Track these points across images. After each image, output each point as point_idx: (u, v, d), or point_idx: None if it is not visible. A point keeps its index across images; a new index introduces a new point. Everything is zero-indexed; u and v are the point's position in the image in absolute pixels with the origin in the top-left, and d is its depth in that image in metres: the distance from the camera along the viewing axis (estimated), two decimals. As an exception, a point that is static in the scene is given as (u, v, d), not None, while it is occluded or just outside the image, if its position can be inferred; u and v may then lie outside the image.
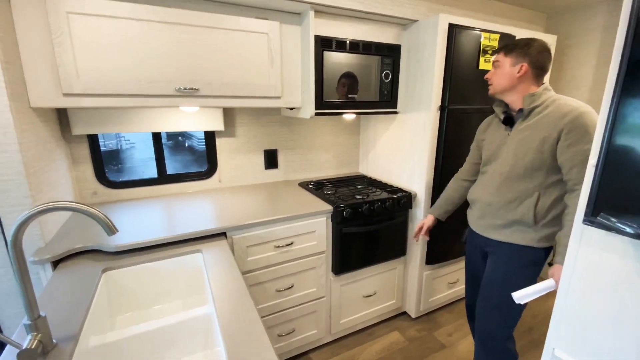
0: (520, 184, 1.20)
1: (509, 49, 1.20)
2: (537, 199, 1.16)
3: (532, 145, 1.15)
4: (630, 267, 0.60)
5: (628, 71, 0.52)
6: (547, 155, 1.13)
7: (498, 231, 1.27)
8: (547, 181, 1.15)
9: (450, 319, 2.10)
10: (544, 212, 1.17)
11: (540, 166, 1.15)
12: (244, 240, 1.43)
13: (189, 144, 1.89)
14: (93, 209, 0.71)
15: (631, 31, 0.52)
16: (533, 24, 2.28)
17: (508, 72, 1.19)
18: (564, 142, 1.08)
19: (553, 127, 1.10)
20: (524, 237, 1.21)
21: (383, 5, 1.61)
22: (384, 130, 2.09)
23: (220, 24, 1.39)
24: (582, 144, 1.06)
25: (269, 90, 1.57)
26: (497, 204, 1.26)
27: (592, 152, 0.60)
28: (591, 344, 0.68)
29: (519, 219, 1.20)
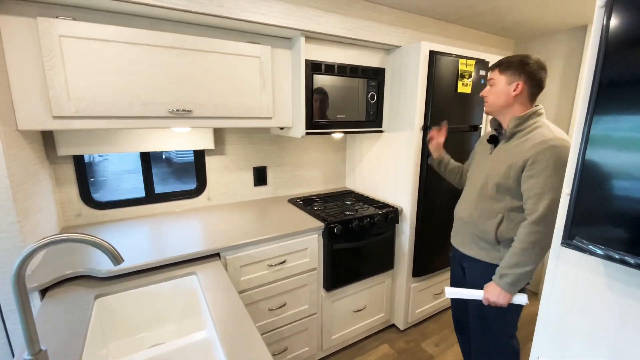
0: (488, 203, 1.23)
1: (504, 67, 1.19)
2: (501, 220, 1.19)
3: (501, 169, 1.18)
4: (601, 282, 0.68)
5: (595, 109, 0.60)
6: (512, 181, 1.15)
7: (469, 247, 1.32)
8: (512, 205, 1.17)
9: (436, 329, 2.17)
10: (506, 234, 1.19)
11: (506, 190, 1.18)
12: (237, 260, 1.43)
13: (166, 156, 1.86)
14: (99, 239, 0.71)
15: (600, 62, 0.60)
16: (504, 49, 2.47)
17: (503, 90, 1.18)
18: (527, 172, 1.11)
19: (521, 155, 1.13)
20: (488, 255, 1.25)
21: (368, 32, 1.71)
22: (369, 147, 2.18)
23: (213, 47, 1.42)
24: (542, 176, 1.07)
25: (261, 111, 1.61)
26: (468, 220, 1.31)
27: (566, 181, 0.68)
28: (572, 352, 0.75)
29: (483, 236, 1.24)
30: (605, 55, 0.56)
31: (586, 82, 0.63)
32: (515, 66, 1.15)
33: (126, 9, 1.24)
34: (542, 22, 2.08)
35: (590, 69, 0.62)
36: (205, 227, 1.60)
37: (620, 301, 0.65)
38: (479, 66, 1.92)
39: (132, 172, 1.78)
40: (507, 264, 1.14)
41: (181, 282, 1.25)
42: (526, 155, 1.11)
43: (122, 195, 1.75)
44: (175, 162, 1.94)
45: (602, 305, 0.68)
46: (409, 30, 1.87)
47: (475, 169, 1.34)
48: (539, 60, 1.16)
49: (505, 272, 1.14)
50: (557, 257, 0.75)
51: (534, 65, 1.14)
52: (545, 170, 1.07)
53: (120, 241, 1.42)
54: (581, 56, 2.14)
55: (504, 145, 1.23)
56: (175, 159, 1.93)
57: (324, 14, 1.56)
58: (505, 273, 1.14)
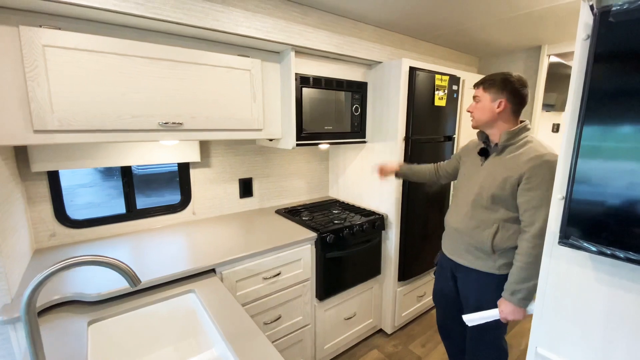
0: (483, 213, 1.27)
1: (487, 84, 1.25)
2: (496, 230, 1.23)
3: (497, 181, 1.22)
4: (589, 275, 0.78)
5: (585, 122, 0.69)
6: (507, 193, 1.19)
7: (463, 256, 1.35)
8: (507, 215, 1.22)
9: (421, 331, 2.26)
10: (501, 243, 1.23)
11: (501, 201, 1.22)
12: (233, 274, 1.41)
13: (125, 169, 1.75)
14: (115, 260, 0.69)
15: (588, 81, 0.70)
16: (470, 65, 2.70)
17: (488, 107, 1.24)
18: (524, 186, 1.15)
19: (517, 169, 1.17)
20: (484, 264, 1.28)
21: (352, 48, 1.80)
22: (353, 157, 2.25)
23: (205, 60, 1.42)
24: (539, 190, 1.12)
25: (252, 123, 1.62)
26: (463, 230, 1.33)
27: (558, 187, 0.78)
28: (566, 340, 0.84)
29: (479, 246, 1.27)
30: (591, 79, 0.66)
31: (574, 100, 0.73)
32: (498, 84, 1.23)
33: (115, 20, 1.20)
34: (503, 42, 2.31)
35: (577, 88, 0.73)
36: (194, 242, 1.55)
37: (607, 290, 0.75)
38: (452, 81, 2.09)
39: (85, 187, 1.67)
40: (516, 279, 1.17)
41: (178, 301, 1.21)
42: (522, 169, 1.16)
43: (101, 212, 1.64)
44: (135, 174, 1.84)
45: (591, 295, 0.78)
46: (387, 47, 1.98)
47: (467, 180, 1.38)
48: (520, 78, 1.23)
49: (517, 289, 1.16)
50: (550, 255, 0.85)
51: (516, 83, 1.21)
52: (542, 184, 1.12)
53: (105, 262, 1.33)
54: (537, 73, 2.40)
55: (497, 158, 1.27)
56: (136, 172, 1.83)
57: (312, 30, 1.61)
58: (517, 289, 1.16)
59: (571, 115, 0.74)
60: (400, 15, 1.73)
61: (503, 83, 1.22)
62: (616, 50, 0.62)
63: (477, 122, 1.31)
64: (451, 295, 1.49)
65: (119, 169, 1.68)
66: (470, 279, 1.34)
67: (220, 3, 1.31)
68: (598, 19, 0.63)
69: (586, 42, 0.69)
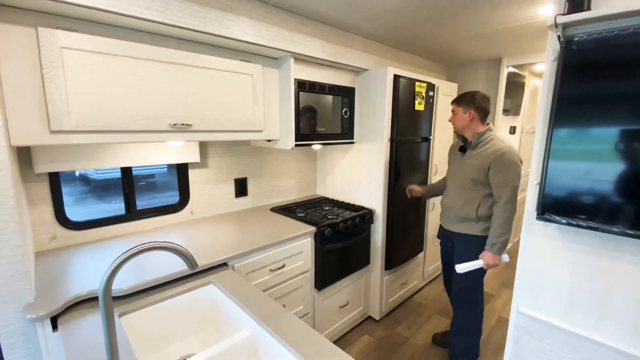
0: (469, 192, 1.71)
1: (459, 101, 1.73)
2: (479, 204, 1.69)
3: (473, 169, 1.67)
4: (558, 244, 1.00)
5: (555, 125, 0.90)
6: (482, 177, 1.65)
7: (456, 225, 1.79)
8: (485, 192, 1.67)
9: (405, 315, 2.46)
10: (483, 213, 1.68)
11: (479, 183, 1.67)
12: (244, 267, 1.49)
13: (81, 174, 1.74)
14: (177, 245, 0.77)
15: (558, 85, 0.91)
16: (441, 74, 2.98)
17: (462, 117, 1.72)
18: (491, 171, 1.61)
19: (486, 160, 1.63)
20: (472, 229, 1.73)
21: (344, 56, 1.95)
22: (341, 157, 2.41)
23: (211, 64, 1.49)
24: (501, 173, 1.58)
25: (254, 124, 1.71)
26: (455, 207, 1.77)
27: (533, 175, 0.99)
28: (541, 299, 1.05)
29: (468, 216, 1.72)
30: (559, 93, 0.86)
31: (545, 109, 0.94)
32: (466, 101, 1.70)
33: (130, 24, 1.25)
34: (470, 54, 2.61)
35: (547, 100, 0.93)
36: (199, 240, 1.61)
37: (571, 255, 0.97)
38: (429, 88, 2.33)
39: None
40: (494, 235, 1.60)
41: (198, 293, 1.27)
42: (488, 160, 1.62)
43: (102, 213, 1.63)
44: (94, 180, 1.82)
45: (560, 260, 1.00)
46: (373, 55, 2.17)
47: (454, 171, 1.84)
48: (483, 95, 1.70)
49: (495, 241, 1.60)
50: (527, 231, 1.05)
51: (479, 99, 1.69)
52: (503, 169, 1.59)
53: (109, 261, 1.35)
54: (497, 81, 2.73)
55: (471, 152, 1.72)
56: (93, 177, 1.80)
57: (310, 39, 1.74)
58: (495, 242, 1.59)
59: (543, 120, 0.95)
60: (386, 27, 1.92)
61: (470, 99, 1.69)
62: (577, 70, 0.83)
63: (456, 128, 1.78)
64: (450, 257, 1.90)
65: (74, 176, 1.67)
66: (462, 241, 1.77)
67: (232, 12, 1.39)
68: (564, 46, 0.84)
69: (554, 63, 0.91)
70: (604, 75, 0.79)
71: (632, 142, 0.78)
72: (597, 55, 0.79)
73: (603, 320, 0.93)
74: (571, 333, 0.98)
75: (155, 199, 1.87)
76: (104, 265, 1.32)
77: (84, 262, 1.34)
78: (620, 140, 0.80)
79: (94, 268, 1.29)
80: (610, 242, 0.90)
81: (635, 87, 0.76)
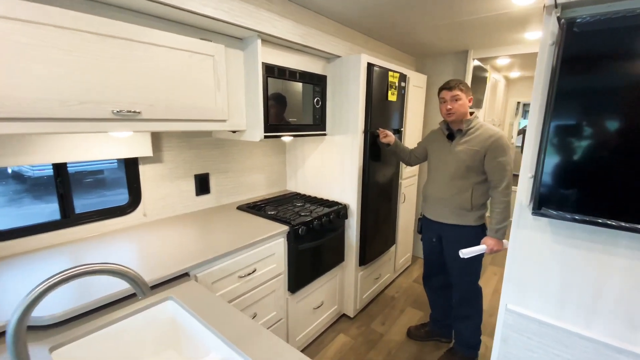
0: (460, 182, 1.66)
1: (463, 87, 1.64)
2: (472, 192, 1.65)
3: (468, 155, 1.62)
4: (548, 238, 0.96)
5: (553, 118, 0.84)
6: (477, 163, 1.61)
7: (447, 216, 1.73)
8: (477, 180, 1.64)
9: (378, 310, 2.43)
10: (476, 200, 1.66)
11: (472, 169, 1.63)
12: (209, 276, 1.31)
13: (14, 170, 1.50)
14: (126, 268, 0.59)
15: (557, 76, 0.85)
16: (410, 65, 2.95)
17: (466, 103, 1.65)
18: (490, 155, 1.58)
19: (482, 145, 1.59)
20: (464, 219, 1.68)
21: (316, 40, 1.81)
22: (312, 150, 2.27)
23: (163, 41, 1.26)
24: (499, 157, 1.57)
25: (216, 113, 1.51)
26: (446, 198, 1.71)
27: (527, 168, 0.93)
28: (530, 295, 1.02)
29: (461, 206, 1.67)
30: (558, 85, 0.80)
31: (540, 97, 0.88)
32: (466, 87, 1.66)
33: (55, -16, 0.99)
34: (438, 45, 2.59)
35: (543, 87, 0.87)
36: (154, 247, 1.39)
37: (562, 249, 0.94)
38: (401, 78, 2.26)
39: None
40: (497, 221, 1.58)
41: (154, 311, 1.08)
42: (485, 144, 1.59)
43: (29, 219, 1.35)
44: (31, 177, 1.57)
45: (550, 254, 0.96)
46: (346, 42, 2.05)
47: (440, 160, 1.76)
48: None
49: (498, 227, 1.58)
50: (517, 225, 1.01)
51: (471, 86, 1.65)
52: (501, 154, 1.57)
53: (37, 278, 1.11)
54: (464, 74, 2.75)
55: (462, 138, 1.67)
56: (29, 174, 1.55)
57: (279, 18, 1.57)
58: (498, 228, 1.58)
59: (538, 110, 0.89)
60: (359, 12, 1.80)
61: (467, 85, 1.66)
62: (579, 55, 0.77)
63: (457, 116, 1.66)
64: (435, 252, 1.87)
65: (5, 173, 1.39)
66: (454, 232, 1.73)
67: (187, -22, 1.18)
68: (565, 28, 0.77)
69: (552, 48, 0.84)
70: (610, 61, 0.74)
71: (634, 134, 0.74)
72: (603, 39, 0.74)
73: (594, 316, 0.91)
74: (561, 329, 0.96)
75: (105, 197, 1.63)
76: (26, 288, 1.07)
77: (9, 279, 1.08)
78: (621, 132, 0.76)
79: (22, 286, 1.04)
80: (603, 235, 0.87)
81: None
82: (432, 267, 1.94)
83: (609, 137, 0.77)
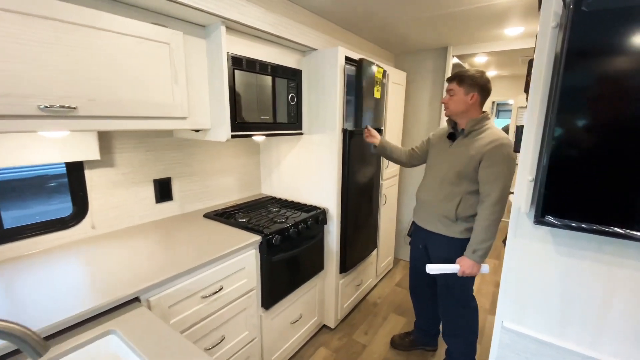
0: (450, 187, 1.47)
1: (461, 79, 1.42)
2: (459, 201, 1.45)
3: (463, 159, 1.42)
4: (550, 248, 0.86)
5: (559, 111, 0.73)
6: (471, 169, 1.40)
7: (432, 224, 1.55)
8: (468, 189, 1.43)
9: (361, 318, 2.31)
10: (463, 212, 1.45)
11: (465, 176, 1.43)
12: (165, 299, 1.12)
13: None
14: (9, 323, 0.41)
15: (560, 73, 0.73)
16: (389, 61, 2.84)
17: (462, 99, 1.42)
18: (484, 164, 1.37)
19: (479, 150, 1.38)
20: (449, 229, 1.50)
21: (289, 30, 1.65)
22: (288, 150, 2.11)
23: (106, 24, 1.07)
24: (495, 167, 1.35)
25: (174, 109, 1.32)
26: (433, 202, 1.54)
27: (528, 170, 0.82)
28: (529, 311, 0.91)
29: (446, 215, 1.49)
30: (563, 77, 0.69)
31: (542, 89, 0.77)
32: (470, 80, 1.40)
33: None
34: (417, 41, 2.50)
35: (546, 76, 0.76)
36: (101, 265, 1.19)
37: (564, 260, 0.84)
38: (383, 75, 2.14)
39: None
40: (476, 240, 1.38)
41: (91, 350, 0.89)
42: (483, 150, 1.37)
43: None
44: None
45: (551, 266, 0.86)
46: (322, 34, 1.90)
47: (436, 160, 1.58)
48: (485, 75, 1.41)
49: (477, 248, 1.38)
50: (514, 235, 0.90)
51: (484, 78, 1.40)
52: (498, 162, 1.35)
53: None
54: (444, 72, 2.68)
55: (463, 140, 1.47)
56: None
57: (246, 4, 1.40)
58: (477, 248, 1.38)
59: (540, 102, 0.78)
60: (335, 1, 1.66)
61: (474, 79, 1.40)
62: (590, 40, 0.66)
63: (451, 112, 1.49)
64: (422, 260, 1.68)
65: None
66: (439, 242, 1.55)
67: (129, -52, 0.99)
68: (572, 7, 0.66)
69: (555, 30, 0.73)
70: (625, 47, 0.63)
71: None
72: (618, 19, 0.63)
73: (600, 334, 0.82)
74: (563, 349, 0.86)
75: (51, 205, 1.42)
76: None
77: None
78: (636, 130, 0.65)
79: None
80: (610, 245, 0.77)
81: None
82: (419, 276, 1.79)
83: (622, 135, 0.67)
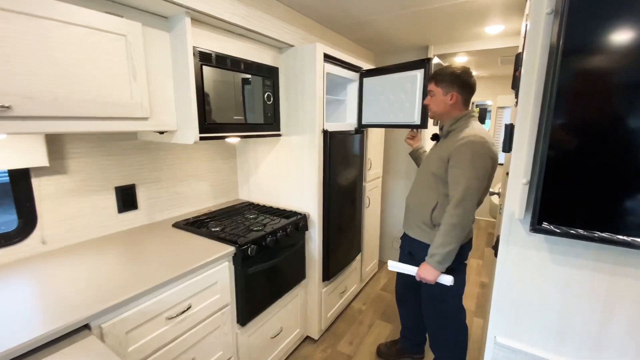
0: (426, 191, 1.41)
1: (438, 79, 1.33)
2: (435, 206, 1.37)
3: (436, 161, 1.35)
4: (544, 257, 0.79)
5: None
6: (442, 171, 1.32)
7: (414, 230, 1.48)
8: (444, 192, 1.33)
9: (345, 327, 2.21)
10: (438, 218, 1.36)
11: (439, 179, 1.34)
12: (120, 325, 0.98)
13: None
14: None
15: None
16: (370, 60, 2.78)
17: (442, 100, 1.34)
18: (450, 163, 1.28)
19: (447, 150, 1.30)
20: (427, 236, 1.42)
21: (263, 24, 1.54)
22: (266, 153, 1.99)
23: (50, 12, 0.93)
24: (458, 168, 1.24)
25: (133, 109, 1.18)
26: (412, 207, 1.49)
27: (522, 172, 0.75)
28: (524, 325, 0.84)
29: (423, 220, 1.42)
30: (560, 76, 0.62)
31: (537, 79, 0.70)
32: (448, 79, 1.31)
33: None
34: (397, 40, 2.44)
35: (541, 67, 0.69)
36: (49, 287, 1.04)
37: (562, 270, 0.77)
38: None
39: None
40: (434, 244, 1.31)
41: (23, 394, 0.74)
42: (450, 149, 1.29)
43: None
44: None
45: (548, 276, 0.79)
46: (299, 30, 1.80)
47: (423, 162, 1.52)
48: (466, 69, 1.31)
49: (434, 252, 1.29)
50: (507, 242, 0.83)
51: (464, 75, 1.30)
52: (463, 162, 1.24)
53: None
54: (426, 71, 2.64)
55: (442, 141, 1.42)
56: None
57: (213, -7, 1.28)
58: (434, 253, 1.30)
59: (534, 99, 0.71)
60: (313, -7, 1.57)
61: (452, 77, 1.31)
62: (590, 27, 0.59)
63: (434, 114, 1.42)
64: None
65: None
66: (420, 249, 1.44)
67: None
68: (570, -10, 0.59)
69: (550, 17, 0.66)
70: (632, 33, 0.56)
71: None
72: (623, 2, 0.56)
73: (600, 349, 0.76)
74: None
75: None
76: None
77: None
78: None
79: None
80: (611, 253, 0.71)
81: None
82: (405, 284, 1.71)
83: (627, 133, 0.60)
